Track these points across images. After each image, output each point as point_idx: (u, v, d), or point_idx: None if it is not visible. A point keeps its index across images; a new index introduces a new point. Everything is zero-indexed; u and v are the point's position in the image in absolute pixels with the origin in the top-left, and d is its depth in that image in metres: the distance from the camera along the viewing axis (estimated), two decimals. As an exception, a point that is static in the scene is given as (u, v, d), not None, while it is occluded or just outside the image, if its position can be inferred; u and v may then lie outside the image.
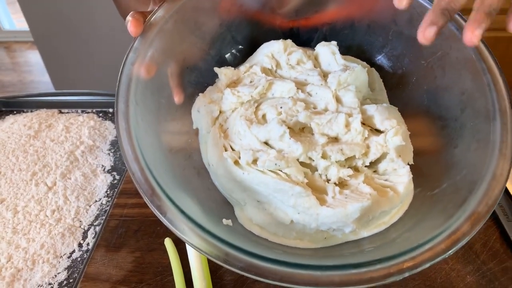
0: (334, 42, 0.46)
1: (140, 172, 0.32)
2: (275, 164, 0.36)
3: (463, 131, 0.38)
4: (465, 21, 0.39)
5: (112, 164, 0.57)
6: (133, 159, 0.32)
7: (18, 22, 3.11)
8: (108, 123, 0.64)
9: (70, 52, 1.78)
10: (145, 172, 0.32)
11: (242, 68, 0.46)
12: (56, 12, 1.66)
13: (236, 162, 0.38)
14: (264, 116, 0.41)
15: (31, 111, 0.66)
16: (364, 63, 0.47)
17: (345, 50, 0.47)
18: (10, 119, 0.64)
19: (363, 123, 0.40)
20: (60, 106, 0.67)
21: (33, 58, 2.95)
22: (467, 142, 0.37)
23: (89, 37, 1.71)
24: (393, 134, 0.38)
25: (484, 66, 0.37)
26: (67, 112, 0.66)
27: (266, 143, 0.39)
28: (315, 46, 0.48)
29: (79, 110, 0.67)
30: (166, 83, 0.41)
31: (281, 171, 0.37)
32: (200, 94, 0.44)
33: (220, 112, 0.43)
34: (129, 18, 0.38)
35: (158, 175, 0.33)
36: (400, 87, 0.45)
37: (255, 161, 0.37)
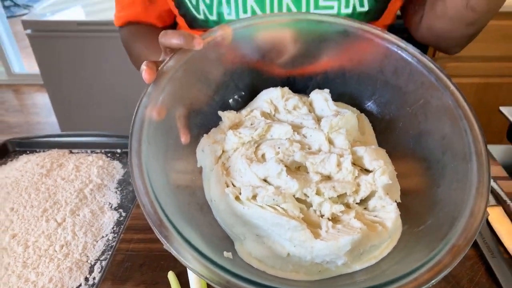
0: (326, 90, 0.51)
1: (150, 205, 0.35)
2: (273, 199, 0.39)
3: (445, 172, 0.42)
4: (442, 72, 0.44)
5: (119, 201, 0.60)
6: (144, 193, 0.36)
7: (28, 66, 3.23)
8: (116, 163, 0.68)
9: (77, 96, 1.85)
10: (155, 205, 0.35)
11: (244, 112, 0.51)
12: (66, 58, 1.75)
13: (237, 198, 0.42)
14: (263, 155, 0.45)
15: (43, 151, 0.70)
16: (354, 109, 0.51)
17: (337, 97, 0.52)
18: (23, 158, 0.68)
19: (353, 163, 0.43)
20: (71, 147, 0.71)
21: (41, 100, 3.04)
22: (449, 182, 0.41)
23: (96, 82, 1.79)
24: (380, 173, 0.42)
25: (460, 113, 0.41)
26: (77, 152, 0.70)
27: (265, 180, 0.42)
28: (309, 93, 0.52)
29: (89, 151, 0.71)
30: (175, 125, 0.45)
31: (278, 206, 0.40)
32: (204, 135, 0.48)
33: (223, 151, 0.47)
34: (143, 67, 0.42)
35: (166, 208, 0.36)
36: (387, 131, 0.49)
37: (254, 197, 0.41)
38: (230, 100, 0.53)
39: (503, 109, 0.67)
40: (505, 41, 1.50)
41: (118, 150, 0.70)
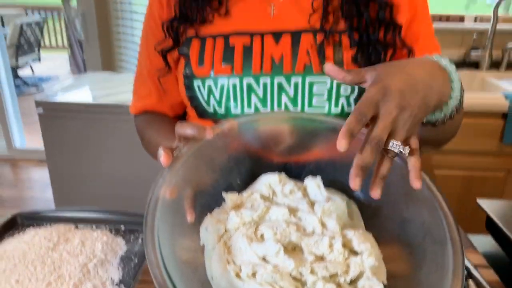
0: (319, 177, 0.57)
1: (160, 277, 0.39)
2: (272, 277, 0.43)
3: (425, 256, 0.47)
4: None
5: (121, 277, 0.63)
6: (155, 265, 0.40)
7: (29, 141, 3.31)
8: (119, 239, 0.71)
9: (77, 173, 1.90)
10: (164, 277, 0.39)
11: (245, 194, 0.56)
12: (71, 136, 1.84)
13: (238, 275, 0.45)
14: (262, 235, 0.49)
15: (50, 225, 0.74)
16: (344, 195, 0.57)
17: (328, 184, 0.57)
18: (31, 231, 0.71)
19: (343, 245, 0.48)
20: (77, 222, 0.75)
21: (37, 175, 3.08)
22: (429, 265, 0.45)
23: (97, 162, 1.86)
24: (367, 255, 0.46)
25: (436, 203, 0.47)
26: (83, 228, 0.73)
27: (263, 258, 0.46)
28: (304, 180, 0.58)
29: (94, 226, 0.74)
30: (183, 204, 0.50)
31: (276, 284, 0.43)
32: (208, 214, 0.53)
33: (225, 230, 0.52)
34: (161, 152, 0.49)
35: (175, 280, 0.39)
36: (374, 217, 0.55)
37: (254, 274, 0.44)
38: (233, 183, 0.58)
39: (480, 201, 0.74)
40: (484, 137, 1.62)
41: (122, 227, 0.74)
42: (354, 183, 0.43)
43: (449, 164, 1.67)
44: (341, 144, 0.43)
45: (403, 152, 0.45)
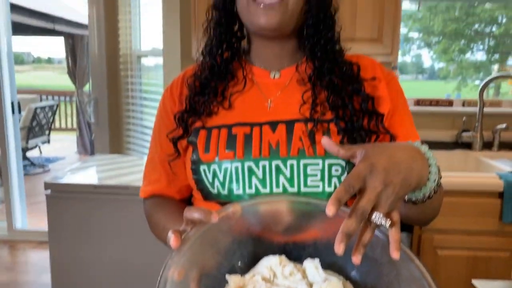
0: (317, 260, 0.60)
1: None
2: None
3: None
4: (407, 248, 0.55)
5: None
6: None
7: (30, 223, 3.30)
8: (123, 322, 0.72)
9: (79, 256, 1.88)
10: None
11: (247, 276, 0.59)
12: (77, 217, 1.86)
13: None
14: (263, 316, 0.52)
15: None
16: (341, 276, 0.60)
17: (326, 266, 0.61)
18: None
19: (340, 324, 0.50)
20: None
21: (35, 258, 3.02)
22: None
23: (100, 245, 1.86)
24: (363, 333, 0.48)
25: (425, 283, 0.51)
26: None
27: (264, 338, 0.49)
28: (303, 262, 0.61)
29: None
30: (189, 285, 0.54)
31: None
32: (212, 296, 0.56)
33: (228, 311, 0.54)
34: (171, 235, 0.53)
35: None
36: (370, 298, 0.57)
37: None
38: (236, 265, 0.62)
39: (476, 282, 0.75)
40: (484, 216, 1.62)
41: (126, 310, 0.75)
42: (338, 248, 0.48)
43: (451, 244, 1.66)
44: (330, 209, 0.48)
45: (384, 223, 0.50)
